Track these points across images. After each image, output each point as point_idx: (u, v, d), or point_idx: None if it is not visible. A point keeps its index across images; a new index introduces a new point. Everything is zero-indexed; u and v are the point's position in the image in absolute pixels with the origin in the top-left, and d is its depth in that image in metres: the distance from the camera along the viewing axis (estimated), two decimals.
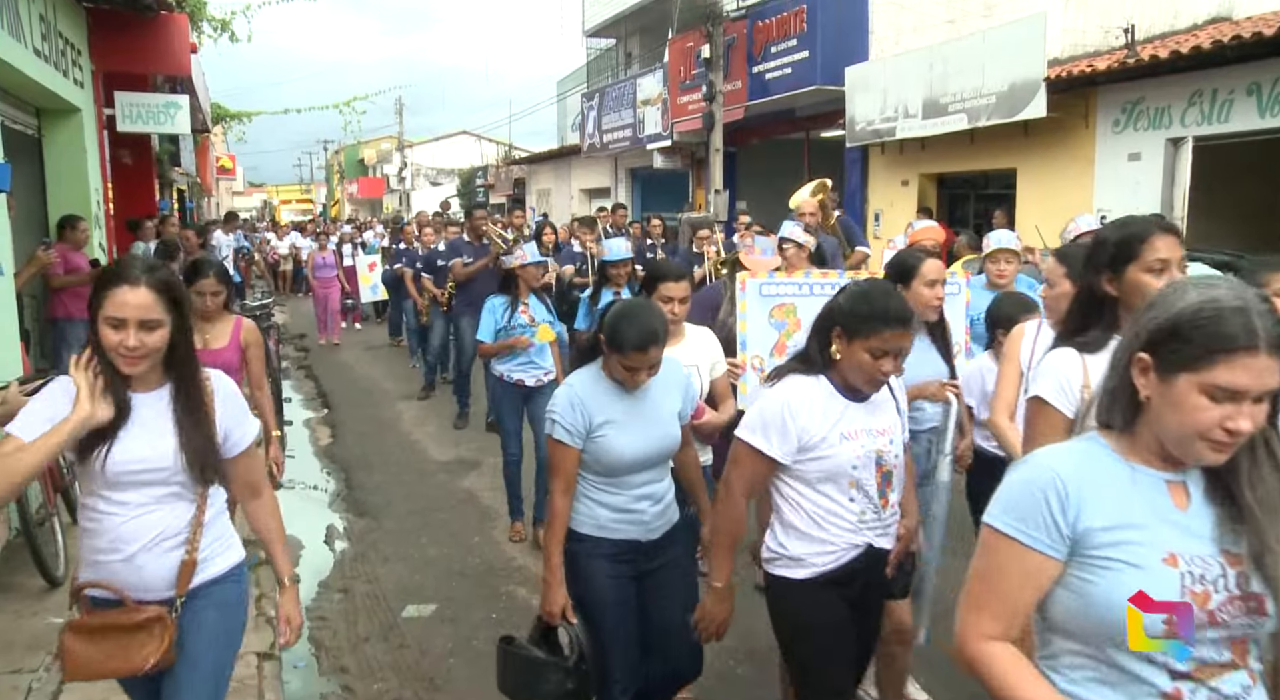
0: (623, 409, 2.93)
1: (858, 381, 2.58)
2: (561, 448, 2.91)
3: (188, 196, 21.85)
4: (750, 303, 4.10)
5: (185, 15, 9.42)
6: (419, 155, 45.96)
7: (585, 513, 2.98)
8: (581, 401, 2.90)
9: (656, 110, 17.96)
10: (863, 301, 2.55)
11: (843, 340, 2.55)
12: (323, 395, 10.50)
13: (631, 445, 2.91)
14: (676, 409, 3.07)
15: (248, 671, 3.83)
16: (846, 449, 2.56)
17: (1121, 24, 9.97)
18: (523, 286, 5.54)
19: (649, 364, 2.85)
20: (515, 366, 5.51)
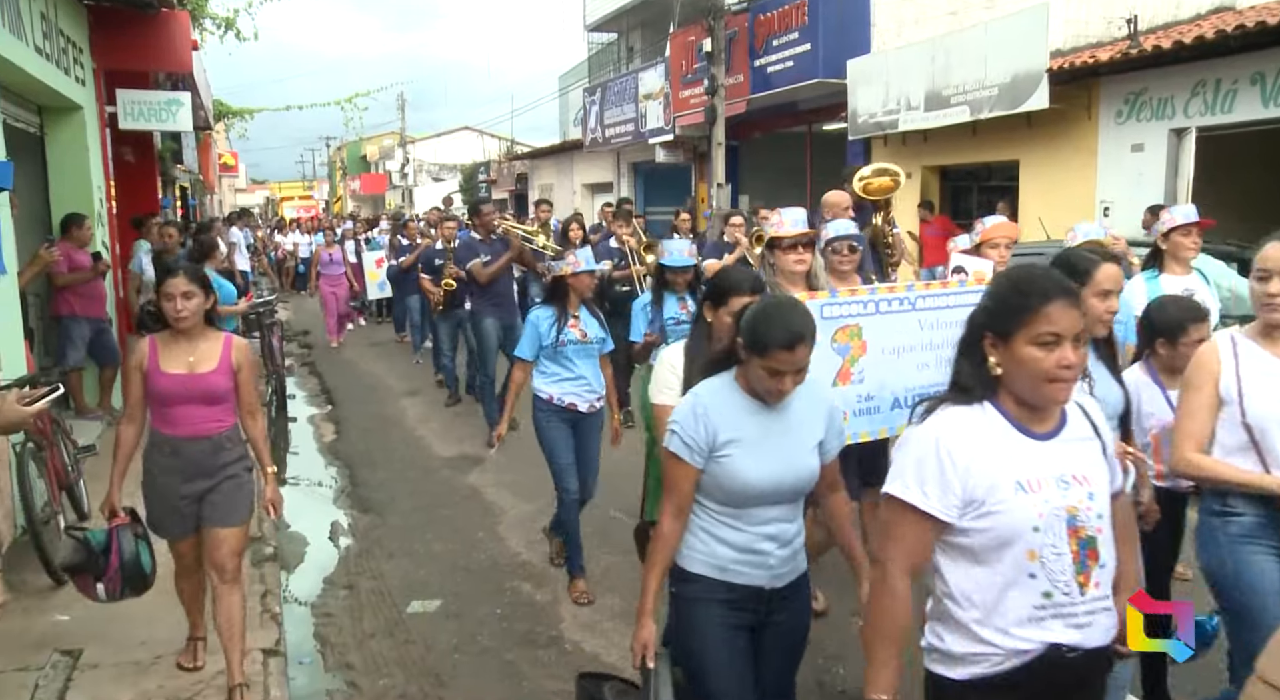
0: (755, 427, 2.52)
1: (1037, 395, 1.95)
2: (677, 463, 2.52)
3: (190, 194, 21.86)
4: None
5: (186, 13, 9.42)
6: (421, 151, 45.93)
7: (702, 549, 2.57)
8: (707, 412, 2.50)
9: (658, 104, 17.94)
10: (1012, 288, 2.00)
11: (1000, 345, 1.97)
12: (326, 392, 10.52)
13: (760, 471, 2.49)
14: (818, 438, 2.61)
15: (253, 668, 3.84)
16: (1025, 505, 1.90)
17: (1124, 14, 9.94)
18: (573, 297, 4.84)
19: (796, 366, 2.44)
20: (569, 388, 4.83)
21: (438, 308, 9.38)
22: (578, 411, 4.86)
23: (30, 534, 4.64)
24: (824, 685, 3.88)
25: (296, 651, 4.35)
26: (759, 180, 17.16)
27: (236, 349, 3.64)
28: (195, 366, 3.54)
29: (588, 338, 4.85)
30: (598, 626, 4.49)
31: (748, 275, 3.35)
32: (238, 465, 3.66)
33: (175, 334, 3.53)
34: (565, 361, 4.80)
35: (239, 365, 3.63)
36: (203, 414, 3.54)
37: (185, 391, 3.50)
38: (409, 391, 10.21)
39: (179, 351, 3.53)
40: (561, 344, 4.77)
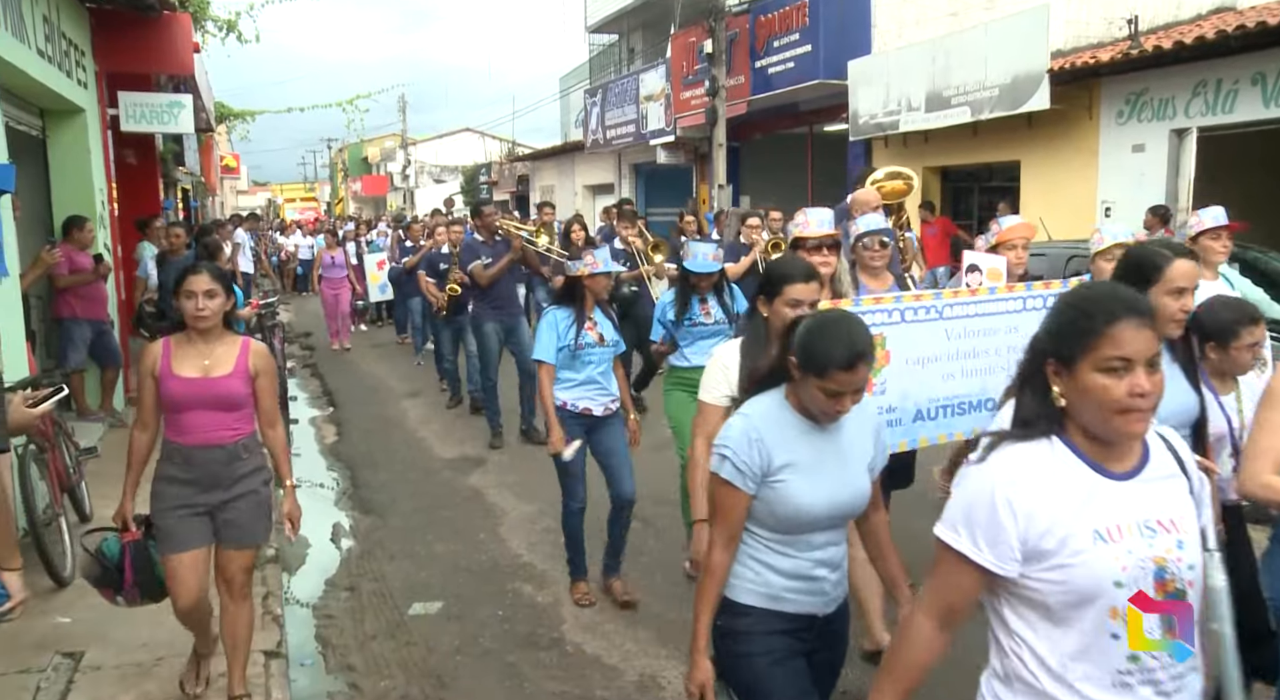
0: (809, 450, 2.39)
1: (1109, 429, 1.70)
2: (729, 491, 2.37)
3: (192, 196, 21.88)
4: None
5: (188, 15, 9.43)
6: (422, 153, 45.95)
7: (752, 578, 2.42)
8: (761, 436, 2.35)
9: (659, 106, 17.95)
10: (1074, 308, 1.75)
11: (1064, 373, 1.72)
12: (328, 393, 10.52)
13: (816, 496, 2.36)
14: (869, 457, 2.50)
15: (254, 670, 3.84)
16: (1105, 557, 1.67)
17: (1124, 15, 9.94)
18: (589, 299, 4.69)
19: (856, 387, 2.29)
20: (582, 392, 4.66)
21: (441, 312, 9.26)
22: (593, 416, 4.68)
23: (32, 536, 4.64)
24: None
25: (298, 653, 4.35)
26: (760, 181, 17.16)
27: (255, 353, 3.45)
28: (210, 370, 3.35)
29: (605, 341, 4.70)
30: (599, 628, 4.49)
31: (800, 263, 3.20)
32: (255, 477, 3.48)
33: (191, 336, 3.35)
34: (580, 365, 4.63)
35: (257, 370, 3.43)
36: (217, 421, 3.35)
37: (198, 396, 3.31)
38: (410, 393, 10.22)
39: (193, 354, 3.36)
40: (580, 347, 4.60)
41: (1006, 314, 3.90)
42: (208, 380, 3.33)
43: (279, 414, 3.61)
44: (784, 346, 2.41)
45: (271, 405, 3.53)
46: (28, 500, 4.68)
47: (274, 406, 3.55)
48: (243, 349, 3.44)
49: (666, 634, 4.37)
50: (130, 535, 3.42)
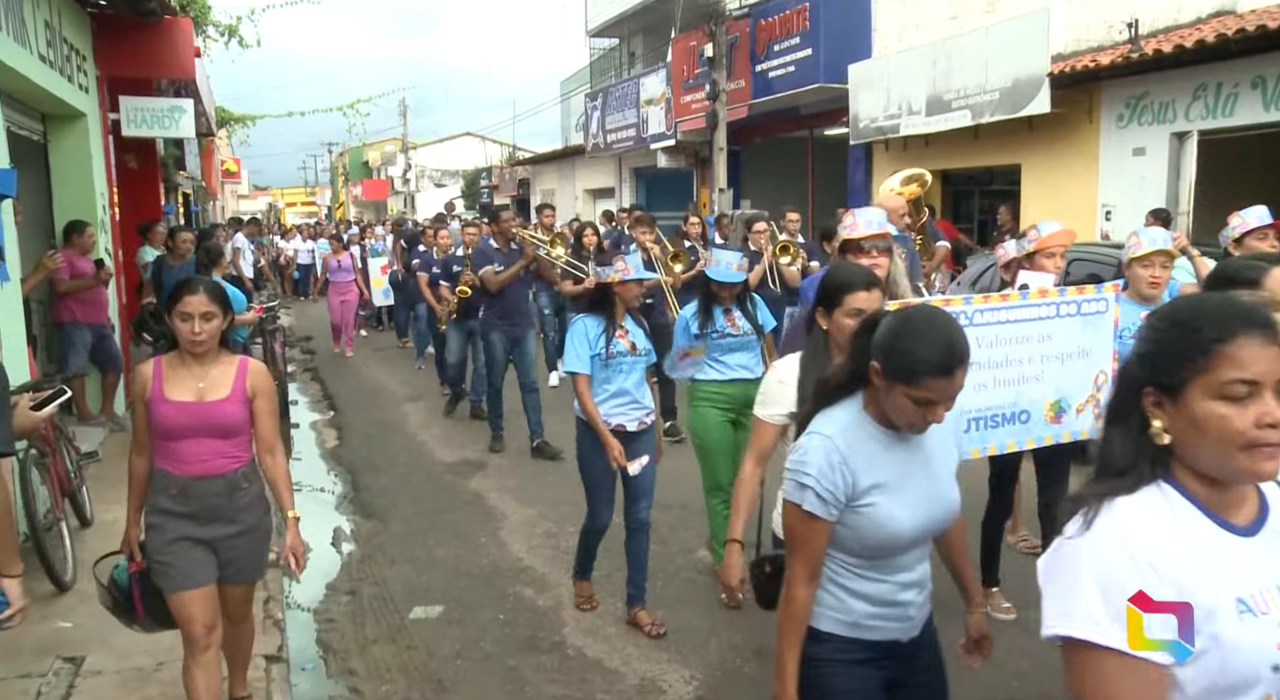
0: (895, 466, 2.14)
1: (1232, 469, 1.37)
2: (811, 522, 2.11)
3: (193, 200, 21.91)
4: None
5: (189, 20, 9.44)
6: (423, 157, 46.01)
7: (833, 606, 2.21)
8: (844, 458, 2.10)
9: (660, 110, 17.96)
10: (1178, 323, 1.42)
11: (1166, 403, 1.41)
12: (329, 398, 10.52)
13: (911, 517, 2.13)
14: (954, 464, 2.29)
15: (255, 674, 3.84)
16: (1256, 633, 1.36)
17: (1125, 18, 9.95)
18: (619, 307, 4.45)
19: (952, 394, 2.03)
20: (615, 407, 4.39)
21: (452, 315, 8.97)
22: (626, 432, 4.38)
23: (33, 541, 4.64)
24: None
25: (299, 657, 4.35)
26: (760, 185, 17.18)
27: (253, 374, 3.20)
28: (204, 394, 3.10)
29: (637, 349, 4.44)
30: (600, 632, 4.49)
31: (859, 270, 2.96)
32: (256, 508, 3.28)
33: (185, 356, 3.12)
34: (612, 375, 4.38)
35: (255, 392, 3.18)
36: (213, 449, 3.12)
37: (192, 423, 3.08)
38: (411, 397, 10.22)
39: (187, 376, 3.12)
40: (611, 356, 4.36)
41: (1039, 320, 3.80)
42: (203, 405, 3.09)
43: (279, 438, 3.32)
44: (859, 352, 2.15)
45: (270, 429, 3.25)
46: (29, 505, 4.68)
47: (273, 430, 3.26)
48: (240, 369, 3.19)
49: (667, 638, 4.36)
50: (136, 565, 3.23)
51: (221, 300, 3.10)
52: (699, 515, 5.68)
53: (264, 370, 3.28)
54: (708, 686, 3.94)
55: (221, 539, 3.18)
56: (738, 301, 4.82)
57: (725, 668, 4.08)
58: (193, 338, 3.04)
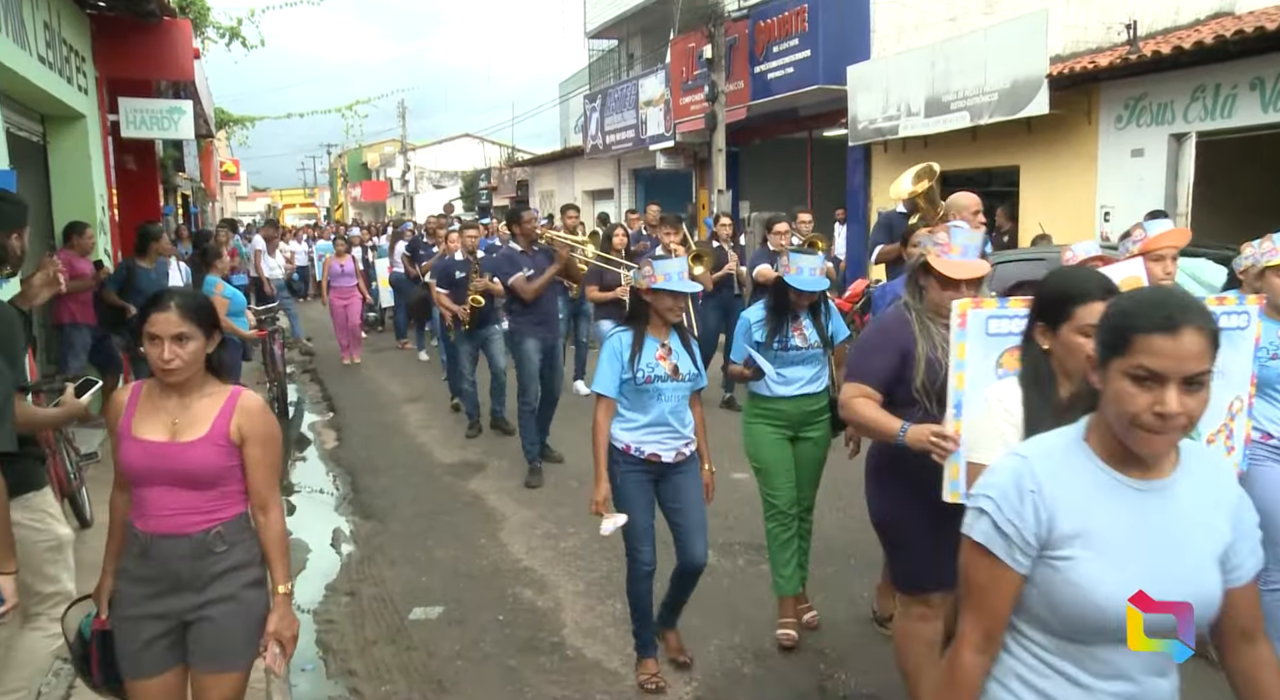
0: (1116, 514, 1.63)
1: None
2: (987, 563, 1.65)
3: (192, 201, 21.91)
4: (972, 345, 2.68)
5: (188, 21, 9.45)
6: (422, 158, 46.05)
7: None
8: (1039, 486, 1.64)
9: (659, 111, 17.98)
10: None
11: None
12: (328, 399, 10.52)
13: (1122, 585, 1.59)
14: (1222, 543, 1.67)
15: (254, 675, 3.83)
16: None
17: (1123, 20, 9.96)
18: (656, 320, 3.90)
19: (1183, 369, 1.52)
20: (649, 434, 3.86)
21: (465, 326, 8.21)
22: (660, 462, 3.88)
23: None
24: (825, 690, 3.88)
25: (299, 659, 4.34)
26: (759, 186, 17.20)
27: (243, 412, 2.60)
28: (178, 432, 2.55)
29: (680, 373, 3.85)
30: (600, 632, 4.49)
31: (1096, 276, 2.38)
32: (237, 577, 2.61)
33: (164, 385, 2.59)
34: (648, 402, 3.84)
35: (245, 435, 2.58)
36: (183, 501, 2.54)
37: (159, 467, 2.53)
38: (410, 398, 10.22)
39: (162, 410, 2.58)
40: (647, 380, 3.79)
41: None
42: (173, 447, 2.54)
43: (275, 494, 2.69)
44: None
45: (263, 481, 2.63)
46: None
47: (267, 483, 2.65)
48: (226, 405, 2.60)
49: None
50: (100, 623, 2.71)
51: (201, 317, 2.54)
52: None
53: (259, 408, 2.65)
54: (707, 687, 3.94)
55: (189, 612, 2.58)
56: (810, 310, 4.32)
57: (724, 668, 4.08)
58: (163, 365, 2.50)
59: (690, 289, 3.85)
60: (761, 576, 5.04)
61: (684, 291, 3.83)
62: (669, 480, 3.93)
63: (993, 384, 2.55)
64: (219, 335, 2.64)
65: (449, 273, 8.47)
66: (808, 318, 4.29)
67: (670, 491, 3.94)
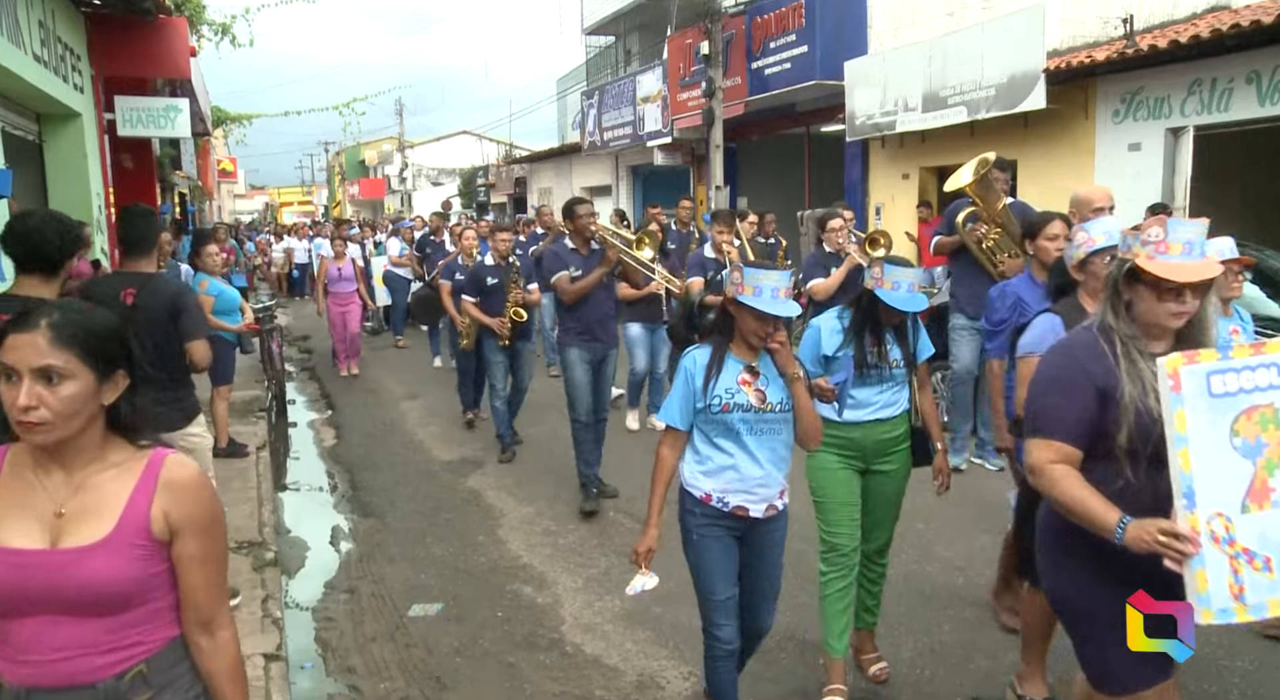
0: None
1: None
2: None
3: (189, 200, 21.89)
4: (1194, 413, 2.12)
5: (184, 19, 9.43)
6: (420, 156, 46.00)
7: None
8: None
9: (656, 107, 17.96)
10: None
11: None
12: (326, 397, 10.52)
13: None
14: None
15: (254, 673, 3.84)
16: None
17: (1120, 14, 9.96)
18: (741, 338, 3.16)
19: None
20: (733, 481, 3.16)
21: (503, 342, 7.31)
22: (747, 517, 3.19)
23: None
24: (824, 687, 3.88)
25: (298, 656, 4.36)
26: (757, 182, 17.19)
27: (171, 488, 1.73)
28: (65, 532, 1.67)
29: (768, 403, 3.12)
30: (598, 629, 4.50)
31: None
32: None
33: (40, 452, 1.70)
34: (729, 438, 3.14)
35: (175, 525, 1.73)
36: (75, 638, 1.67)
37: (34, 590, 1.64)
38: (408, 395, 10.22)
39: (37, 493, 1.69)
40: (724, 408, 3.09)
41: None
42: (57, 557, 1.64)
43: (223, 606, 1.84)
44: None
45: (208, 590, 1.79)
46: None
47: (212, 591, 1.80)
48: (143, 481, 1.72)
49: (665, 635, 4.38)
50: None
51: (92, 345, 1.66)
52: None
53: (193, 480, 1.76)
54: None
55: None
56: (895, 327, 3.71)
57: None
58: (20, 418, 1.60)
59: (787, 312, 3.01)
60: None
61: (776, 316, 3.01)
62: (752, 539, 3.27)
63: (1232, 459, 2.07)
64: (126, 376, 1.72)
65: (479, 280, 7.44)
66: (893, 335, 3.67)
67: (753, 552, 3.29)
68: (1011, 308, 4.10)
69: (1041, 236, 4.27)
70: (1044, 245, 4.23)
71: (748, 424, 3.12)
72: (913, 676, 3.94)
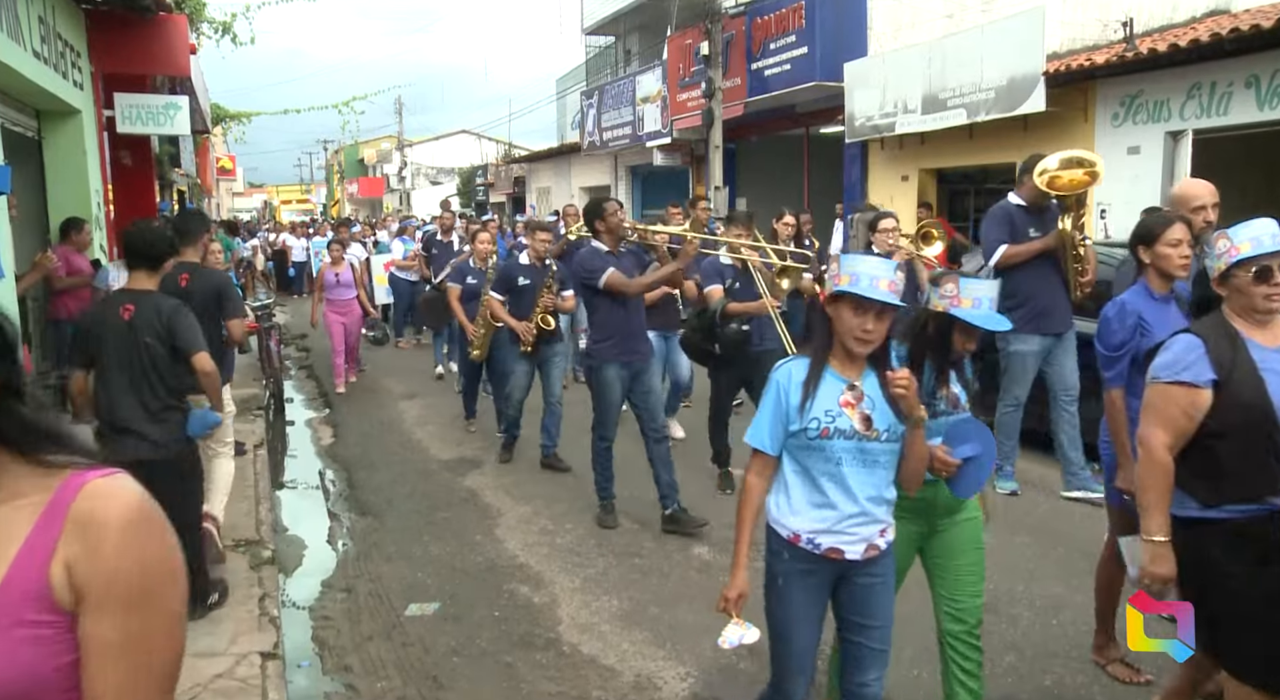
0: None
1: None
2: None
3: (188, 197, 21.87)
4: None
5: (184, 16, 9.42)
6: (419, 155, 46.01)
7: None
8: None
9: (656, 107, 17.97)
10: None
11: None
12: (324, 395, 10.51)
13: None
14: None
15: (251, 671, 3.84)
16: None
17: (1119, 17, 9.98)
18: (841, 346, 2.67)
19: None
20: (829, 519, 2.67)
21: (527, 349, 6.87)
22: (842, 559, 2.70)
23: None
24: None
25: (295, 654, 4.35)
26: (756, 183, 17.20)
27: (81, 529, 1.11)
28: None
29: (873, 430, 2.64)
30: (595, 629, 4.49)
31: None
32: None
33: None
34: (827, 467, 2.66)
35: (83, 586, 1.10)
36: None
37: None
38: (406, 394, 10.21)
39: None
40: (823, 434, 2.63)
41: None
42: None
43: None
44: None
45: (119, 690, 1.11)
46: None
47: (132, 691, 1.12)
48: (45, 517, 1.13)
49: (662, 635, 4.38)
50: None
51: None
52: (693, 509, 5.69)
53: (123, 514, 1.14)
54: (703, 683, 3.95)
55: None
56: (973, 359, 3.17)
57: (720, 665, 4.09)
58: None
59: (895, 301, 2.54)
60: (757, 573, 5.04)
61: (884, 303, 2.53)
62: (852, 584, 2.76)
63: None
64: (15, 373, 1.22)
65: (510, 278, 6.91)
66: (969, 367, 3.15)
67: (853, 601, 2.78)
68: (1133, 329, 3.56)
69: (1161, 242, 3.67)
70: (1165, 252, 3.66)
71: (850, 453, 2.64)
72: (911, 676, 3.95)
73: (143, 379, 4.03)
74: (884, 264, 2.57)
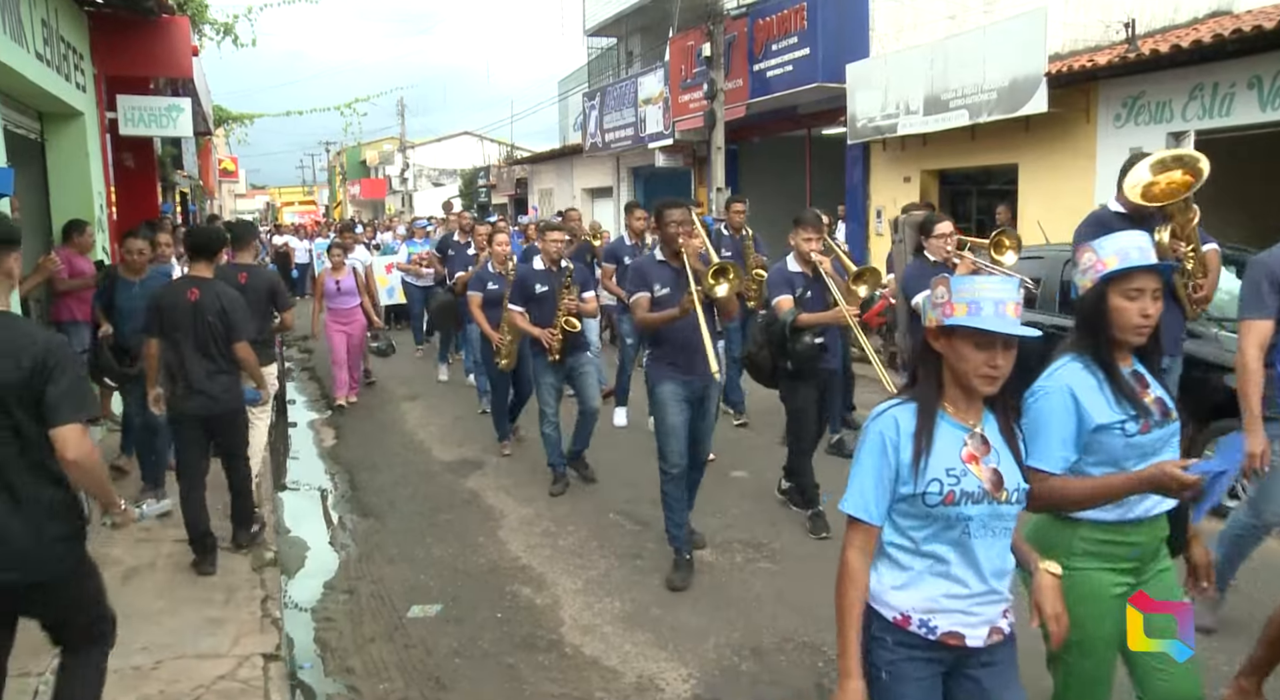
0: None
1: None
2: None
3: (190, 199, 21.90)
4: None
5: (186, 18, 9.45)
6: (421, 156, 46.03)
7: None
8: None
9: (658, 109, 17.97)
10: None
11: None
12: (326, 397, 10.51)
13: None
14: None
15: (254, 673, 3.85)
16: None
17: (1122, 18, 9.97)
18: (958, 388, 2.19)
19: None
20: (944, 596, 2.17)
21: (554, 358, 6.39)
22: (963, 647, 2.18)
23: None
24: (822, 688, 3.88)
25: (297, 656, 4.36)
26: (758, 184, 17.18)
27: None
28: None
29: (1003, 490, 2.16)
30: (597, 630, 4.49)
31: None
32: None
33: None
34: (950, 538, 2.17)
35: None
36: None
37: None
38: (409, 395, 10.22)
39: None
40: (947, 500, 2.13)
41: None
42: None
43: None
44: None
45: None
46: None
47: None
48: None
49: (664, 636, 4.37)
50: None
51: None
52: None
53: None
54: (705, 685, 3.95)
55: None
56: (1140, 354, 2.53)
57: (722, 666, 4.09)
58: None
59: (1028, 332, 2.08)
60: (759, 574, 5.05)
61: (1011, 335, 2.09)
62: (968, 676, 2.23)
63: None
64: None
65: (526, 287, 6.49)
66: (1140, 363, 2.53)
67: (970, 696, 2.24)
68: None
69: None
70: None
71: (979, 520, 2.14)
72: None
73: (209, 346, 4.94)
74: (1005, 284, 2.12)
